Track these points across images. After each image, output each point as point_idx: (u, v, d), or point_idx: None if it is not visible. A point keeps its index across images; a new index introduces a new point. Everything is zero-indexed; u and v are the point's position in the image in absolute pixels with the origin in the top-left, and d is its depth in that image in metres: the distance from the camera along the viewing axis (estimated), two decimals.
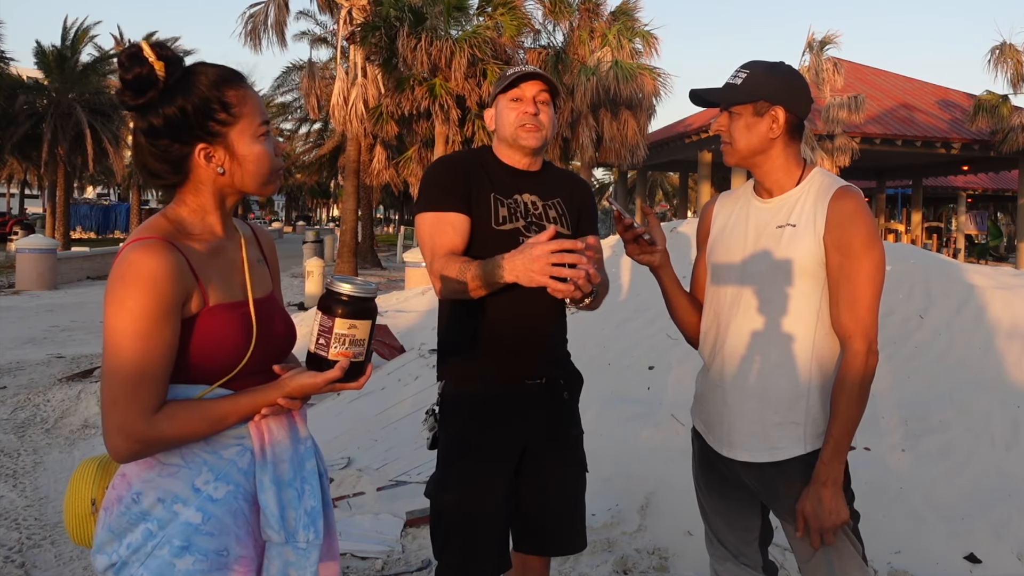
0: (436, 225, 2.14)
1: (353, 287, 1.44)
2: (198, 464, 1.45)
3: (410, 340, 6.61)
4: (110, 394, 1.36)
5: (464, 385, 2.19)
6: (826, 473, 1.85)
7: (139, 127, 1.46)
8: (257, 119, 1.51)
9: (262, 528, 1.50)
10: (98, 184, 50.89)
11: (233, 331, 1.47)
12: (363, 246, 24.38)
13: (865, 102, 18.29)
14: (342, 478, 4.16)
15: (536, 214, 2.21)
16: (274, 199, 71.20)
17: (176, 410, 1.40)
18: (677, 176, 36.88)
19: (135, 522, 1.42)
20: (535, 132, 2.18)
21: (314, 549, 1.53)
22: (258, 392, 1.46)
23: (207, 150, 1.48)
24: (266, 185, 1.55)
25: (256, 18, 19.64)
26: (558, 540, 2.28)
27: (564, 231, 2.19)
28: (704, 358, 2.11)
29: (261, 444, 1.49)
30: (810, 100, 2.00)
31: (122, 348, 1.35)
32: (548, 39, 19.78)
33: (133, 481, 1.44)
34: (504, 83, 2.21)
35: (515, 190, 2.21)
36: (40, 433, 5.66)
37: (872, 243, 1.87)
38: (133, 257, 1.38)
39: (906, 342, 4.64)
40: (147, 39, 1.49)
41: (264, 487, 1.49)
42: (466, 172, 2.19)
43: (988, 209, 36.97)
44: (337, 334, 1.43)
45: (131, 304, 1.35)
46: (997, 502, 3.47)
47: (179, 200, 1.52)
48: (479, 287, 1.97)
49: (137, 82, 1.42)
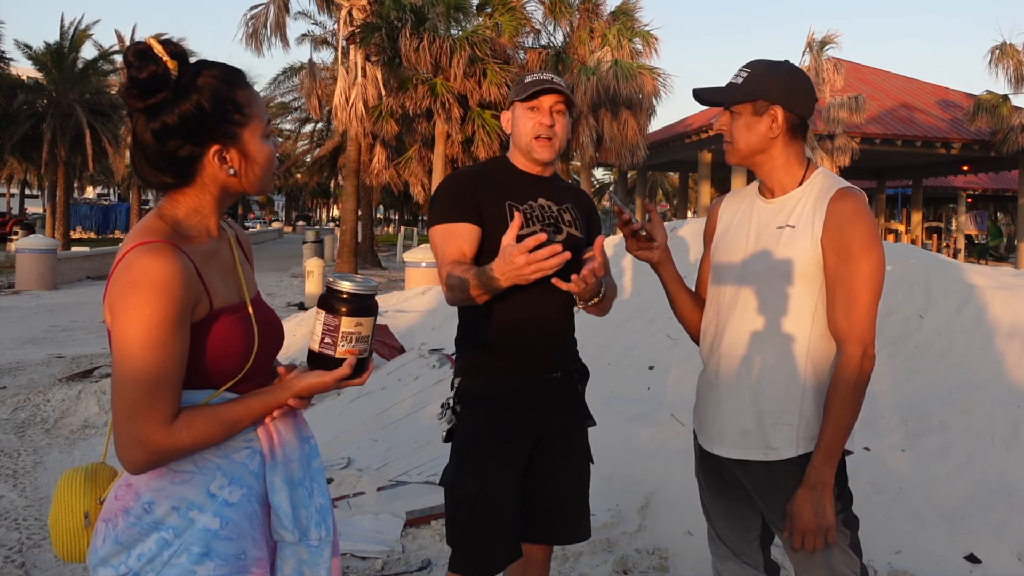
0: (445, 236, 2.22)
1: (356, 285, 1.45)
2: (211, 469, 1.43)
3: (410, 340, 6.61)
4: (126, 405, 1.33)
5: (486, 379, 2.26)
6: (816, 476, 1.84)
7: (150, 127, 1.40)
8: (264, 118, 1.50)
9: (274, 529, 1.50)
10: (98, 184, 50.94)
11: (238, 334, 1.46)
12: (363, 246, 24.38)
13: (865, 102, 18.29)
14: (342, 478, 4.16)
15: (552, 216, 2.29)
16: (274, 199, 71.24)
17: (193, 418, 1.38)
18: (677, 176, 36.88)
19: (147, 532, 1.40)
20: (548, 144, 2.27)
21: (326, 546, 1.54)
22: (268, 394, 1.46)
23: (222, 151, 1.44)
24: (268, 185, 1.54)
25: (257, 20, 19.64)
26: (565, 528, 2.35)
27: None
28: (702, 358, 2.11)
29: (270, 445, 1.49)
30: (813, 100, 1.99)
31: (138, 357, 1.32)
32: (548, 39, 19.81)
33: (142, 491, 1.41)
34: (524, 93, 2.26)
35: (530, 195, 2.28)
36: (40, 433, 5.65)
37: (871, 246, 1.86)
38: (144, 262, 1.34)
39: (906, 342, 4.64)
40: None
41: (276, 488, 1.49)
42: (476, 184, 2.27)
43: (988, 209, 36.96)
44: (344, 332, 1.44)
45: (147, 312, 1.32)
46: (997, 502, 3.47)
47: (174, 201, 1.48)
48: (481, 293, 2.04)
49: (151, 81, 1.37)
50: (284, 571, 1.51)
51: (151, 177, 1.45)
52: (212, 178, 1.46)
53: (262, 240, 39.90)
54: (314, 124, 35.76)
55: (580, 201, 2.41)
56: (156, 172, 1.44)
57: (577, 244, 2.27)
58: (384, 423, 5.06)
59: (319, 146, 35.16)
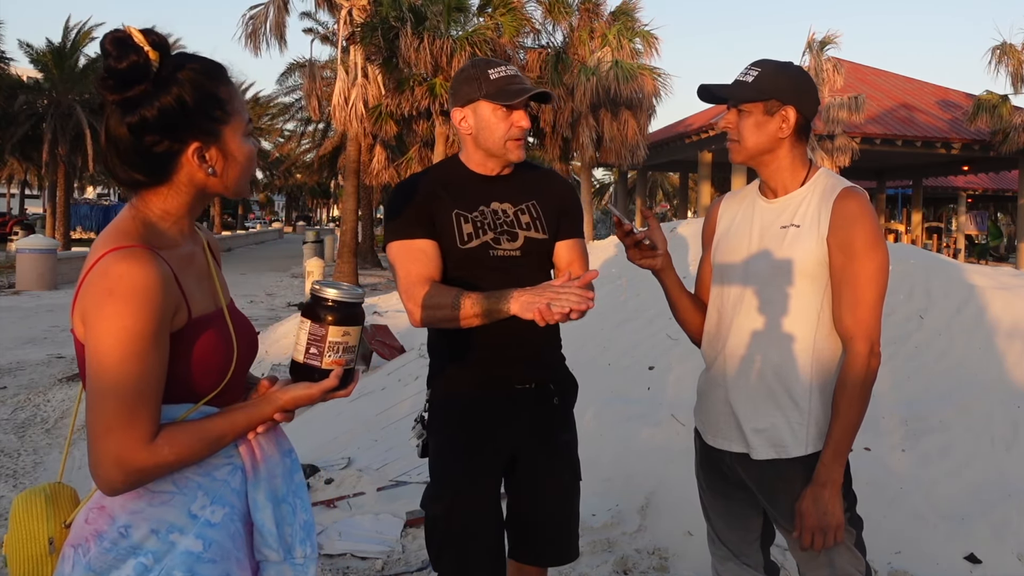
0: (407, 253, 2.10)
1: (343, 292, 1.39)
2: (192, 489, 1.35)
3: (410, 340, 6.62)
4: (102, 421, 1.24)
5: (453, 391, 2.17)
6: (826, 474, 1.85)
7: (126, 121, 1.31)
8: (245, 116, 1.42)
9: (257, 548, 1.43)
10: (98, 184, 50.88)
11: (218, 344, 1.39)
12: (363, 246, 24.38)
13: (865, 102, 18.29)
14: (342, 478, 4.16)
15: (507, 222, 2.15)
16: (274, 199, 71.19)
17: (175, 434, 1.29)
18: (677, 176, 36.88)
19: (123, 557, 1.30)
20: (522, 145, 2.16)
21: (311, 563, 1.48)
22: (251, 408, 1.39)
23: (202, 149, 1.36)
24: (246, 187, 1.46)
25: (256, 20, 19.61)
26: (552, 550, 2.26)
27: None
28: (706, 357, 2.11)
29: (252, 461, 1.41)
30: (818, 101, 2.00)
31: (116, 370, 1.23)
32: (548, 39, 19.79)
33: (117, 513, 1.32)
34: (502, 97, 2.09)
35: (482, 200, 2.16)
36: (40, 433, 5.66)
37: (876, 244, 1.87)
38: (121, 268, 1.25)
39: (906, 342, 4.64)
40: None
41: (259, 505, 1.41)
42: (426, 194, 2.14)
43: (988, 209, 36.95)
44: (331, 342, 1.38)
45: (127, 322, 1.23)
46: (997, 502, 3.47)
47: (145, 201, 1.38)
48: (476, 318, 1.92)
49: (130, 72, 1.28)
50: None
51: (122, 174, 1.36)
52: (189, 178, 1.37)
53: (262, 240, 39.92)
54: (316, 124, 35.76)
55: (550, 192, 2.24)
56: (128, 169, 1.35)
57: (538, 247, 2.17)
58: (384, 423, 5.06)
59: (319, 146, 35.14)
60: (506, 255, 2.13)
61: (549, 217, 2.21)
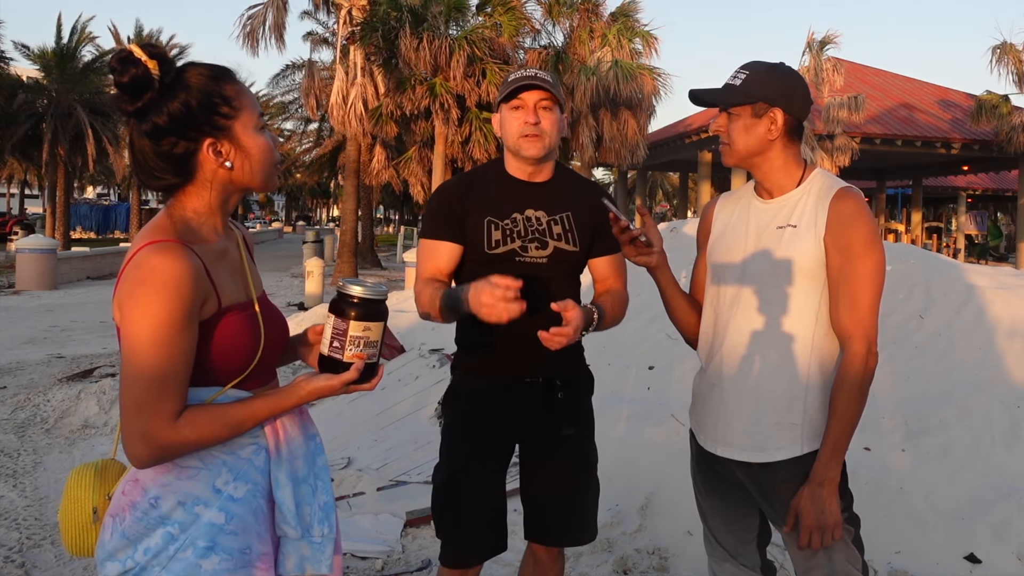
0: (426, 251, 2.27)
1: (366, 290, 1.46)
2: (217, 465, 1.46)
3: (410, 340, 6.61)
4: (134, 401, 1.36)
5: (467, 378, 2.33)
6: (823, 473, 1.86)
7: (143, 130, 1.45)
8: (256, 111, 1.53)
9: (278, 524, 1.53)
10: (98, 184, 50.95)
11: (245, 333, 1.49)
12: (363, 246, 24.37)
13: (865, 102, 18.29)
14: (342, 478, 4.16)
15: (539, 230, 2.22)
16: (274, 199, 71.26)
17: (197, 416, 1.40)
18: (677, 176, 36.88)
19: (153, 526, 1.42)
20: (536, 141, 2.19)
21: (329, 543, 1.57)
22: (275, 397, 1.47)
23: (215, 144, 1.47)
24: (270, 178, 1.56)
25: (254, 20, 19.60)
26: (560, 530, 2.36)
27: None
28: (702, 358, 2.11)
29: (276, 442, 1.52)
30: (809, 101, 2.00)
31: (146, 354, 1.35)
32: (548, 39, 19.79)
33: (149, 486, 1.44)
34: (504, 92, 2.21)
35: (517, 207, 2.23)
36: (40, 433, 5.65)
37: (873, 244, 1.88)
38: (154, 261, 1.37)
39: (906, 342, 4.64)
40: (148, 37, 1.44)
41: (280, 484, 1.51)
42: (461, 197, 2.25)
43: (988, 209, 36.96)
44: (352, 336, 1.46)
45: (156, 309, 1.34)
46: (997, 502, 3.47)
47: (180, 202, 1.51)
48: (443, 313, 2.11)
49: (134, 84, 1.41)
50: (286, 566, 1.53)
51: (154, 180, 1.49)
52: (212, 173, 1.49)
53: (262, 240, 39.91)
54: (316, 124, 35.75)
55: (587, 205, 2.27)
56: (158, 173, 1.48)
57: (567, 258, 2.23)
58: (384, 423, 5.06)
59: (319, 146, 35.14)
60: (533, 262, 2.21)
61: (582, 230, 2.26)
